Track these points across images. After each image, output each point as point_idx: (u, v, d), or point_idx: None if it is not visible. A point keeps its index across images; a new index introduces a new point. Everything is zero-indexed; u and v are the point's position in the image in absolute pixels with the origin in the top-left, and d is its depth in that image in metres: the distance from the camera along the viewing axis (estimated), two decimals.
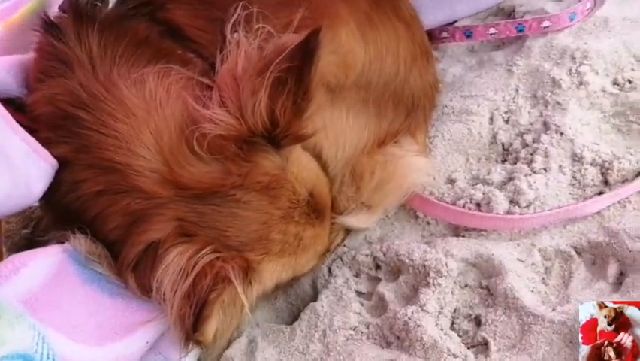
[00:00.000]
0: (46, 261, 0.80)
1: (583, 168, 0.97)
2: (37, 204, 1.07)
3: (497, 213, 0.95)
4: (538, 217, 0.93)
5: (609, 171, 0.95)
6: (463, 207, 0.98)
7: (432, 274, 0.91)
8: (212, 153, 0.78)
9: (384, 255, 0.97)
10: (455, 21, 1.23)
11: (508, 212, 0.96)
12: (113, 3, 0.91)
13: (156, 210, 0.79)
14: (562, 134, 1.00)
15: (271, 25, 0.81)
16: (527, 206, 0.95)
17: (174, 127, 0.80)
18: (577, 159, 0.98)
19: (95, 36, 0.85)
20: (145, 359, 0.84)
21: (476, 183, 1.02)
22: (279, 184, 0.82)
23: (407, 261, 0.94)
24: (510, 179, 0.99)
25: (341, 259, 1.00)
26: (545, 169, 0.98)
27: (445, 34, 1.19)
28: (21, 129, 0.79)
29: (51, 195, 0.84)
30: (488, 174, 1.02)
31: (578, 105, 1.03)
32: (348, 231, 1.02)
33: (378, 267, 0.99)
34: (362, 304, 0.95)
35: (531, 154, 1.01)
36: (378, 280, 0.98)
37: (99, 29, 0.86)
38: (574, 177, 0.97)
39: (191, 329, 0.72)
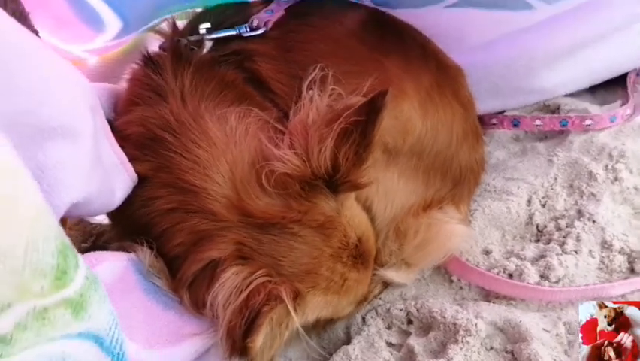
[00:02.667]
0: (114, 264, 0.88)
1: (611, 255, 1.03)
2: (96, 220, 1.17)
3: (528, 283, 1.01)
4: (567, 292, 0.99)
5: (636, 260, 1.02)
6: (497, 275, 1.04)
7: (461, 332, 0.95)
8: (277, 188, 0.86)
9: (418, 311, 1.02)
10: (504, 110, 1.33)
11: (539, 285, 1.01)
12: (207, 48, 1.03)
13: (220, 232, 0.86)
14: (594, 222, 1.07)
15: (342, 88, 0.90)
16: (557, 282, 1.01)
17: (248, 160, 0.89)
18: (606, 246, 1.04)
19: (189, 75, 0.96)
20: None
21: (510, 257, 1.08)
22: (333, 225, 0.89)
23: (439, 318, 0.99)
24: (542, 256, 1.05)
25: (376, 311, 1.05)
26: (576, 251, 1.04)
27: (494, 120, 1.30)
28: (115, 142, 0.89)
29: (125, 208, 0.92)
30: (522, 250, 1.08)
31: (611, 199, 1.11)
32: (386, 285, 1.07)
33: (410, 322, 1.03)
34: (392, 354, 0.99)
35: (564, 237, 1.07)
36: (409, 334, 1.02)
37: (193, 70, 0.97)
38: (602, 262, 1.03)
39: (240, 337, 0.78)
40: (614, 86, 1.33)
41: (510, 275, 1.05)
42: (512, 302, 1.02)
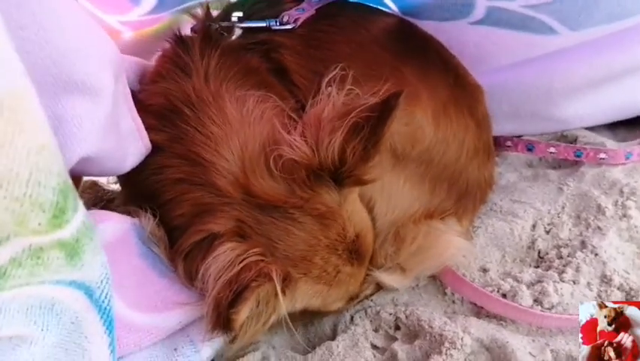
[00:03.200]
0: (117, 225, 0.91)
1: (609, 290, 1.02)
2: (110, 187, 1.21)
3: (521, 305, 1.01)
4: (558, 319, 0.98)
5: (634, 299, 1.00)
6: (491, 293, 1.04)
7: (446, 344, 0.95)
8: (283, 173, 0.88)
9: (407, 317, 1.03)
10: (522, 135, 1.33)
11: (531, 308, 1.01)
12: (237, 35, 1.07)
13: (223, 207, 0.89)
14: (596, 255, 1.06)
15: (360, 90, 0.92)
16: (550, 308, 1.00)
17: (259, 142, 0.91)
18: (606, 280, 1.03)
19: (215, 57, 1.00)
20: (173, 336, 0.91)
21: (506, 278, 1.07)
22: (333, 217, 0.90)
23: (426, 327, 0.99)
24: (539, 281, 1.04)
25: (365, 312, 1.06)
26: (574, 281, 1.03)
27: (509, 143, 1.30)
28: (134, 110, 0.93)
29: (135, 174, 0.96)
30: (520, 272, 1.08)
31: (617, 235, 1.10)
32: (378, 287, 1.08)
33: (397, 327, 1.03)
34: (374, 356, 0.99)
35: (564, 265, 1.06)
36: (395, 339, 1.02)
37: (220, 53, 1.01)
38: (599, 296, 1.02)
39: (226, 308, 0.79)
40: (634, 125, 1.33)
41: (504, 295, 1.04)
42: (502, 322, 1.01)
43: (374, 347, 1.02)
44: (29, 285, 0.62)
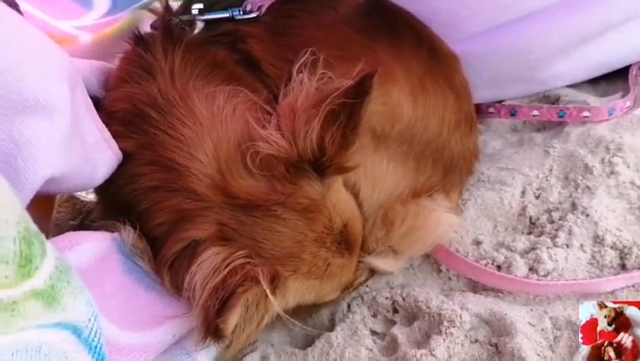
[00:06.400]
0: (96, 244, 0.87)
1: (603, 250, 1.01)
2: (87, 198, 1.17)
3: (516, 276, 0.99)
4: (554, 286, 0.97)
5: (627, 256, 0.99)
6: (485, 266, 1.03)
7: (445, 323, 0.94)
8: (262, 170, 0.85)
9: (404, 300, 1.01)
10: (503, 100, 1.31)
11: (527, 278, 1.00)
12: (199, 29, 1.03)
13: (202, 212, 0.86)
14: (587, 215, 1.05)
15: (333, 73, 0.89)
16: (545, 275, 0.99)
17: (233, 140, 0.88)
18: (598, 240, 1.02)
19: (179, 54, 0.95)
20: (169, 350, 0.89)
21: (500, 248, 1.06)
22: (318, 209, 0.87)
23: (424, 308, 0.98)
24: (532, 249, 1.03)
25: (361, 298, 1.04)
26: (567, 245, 1.02)
27: (491, 109, 1.28)
28: (98, 119, 0.88)
29: (109, 185, 0.91)
30: (513, 241, 1.06)
31: (606, 193, 1.08)
32: (372, 272, 1.06)
33: (395, 311, 1.02)
34: (375, 342, 0.98)
35: (556, 230, 1.05)
36: (394, 323, 1.01)
37: (184, 49, 0.96)
38: (593, 257, 1.01)
39: (214, 316, 0.76)
40: (615, 78, 1.30)
41: (499, 267, 1.03)
42: (500, 295, 1.01)
43: (373, 333, 1.01)
44: (7, 334, 0.59)
